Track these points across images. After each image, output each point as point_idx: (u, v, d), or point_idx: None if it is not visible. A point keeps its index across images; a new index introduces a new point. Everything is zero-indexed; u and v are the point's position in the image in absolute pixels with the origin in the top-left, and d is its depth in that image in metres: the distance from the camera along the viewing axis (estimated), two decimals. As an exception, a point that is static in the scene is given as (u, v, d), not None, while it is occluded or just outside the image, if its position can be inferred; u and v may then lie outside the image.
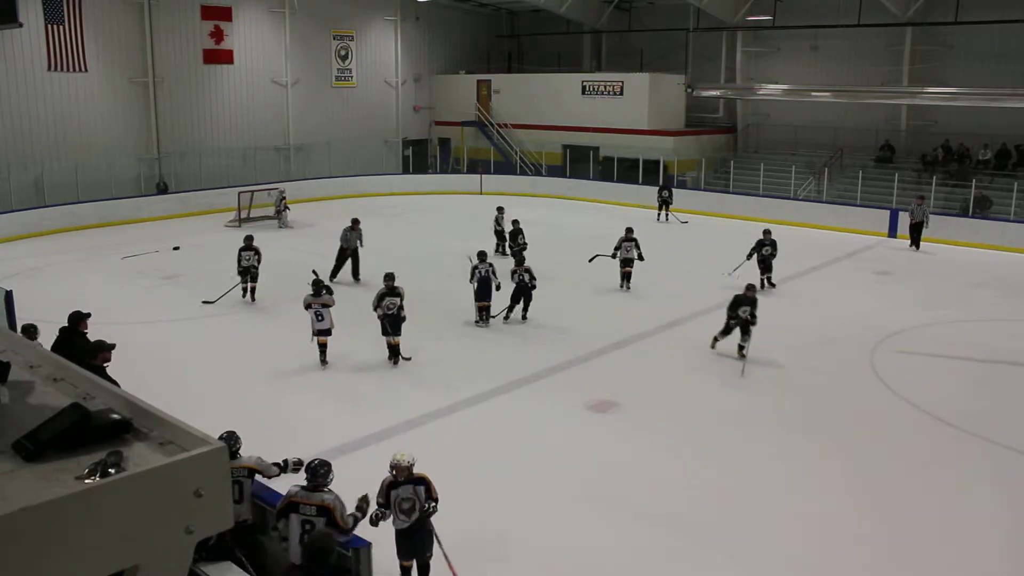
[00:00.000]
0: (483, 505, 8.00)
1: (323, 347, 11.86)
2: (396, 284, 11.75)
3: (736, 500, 8.20)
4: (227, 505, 2.37)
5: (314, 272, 13.01)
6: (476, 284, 13.70)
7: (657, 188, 24.98)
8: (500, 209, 19.92)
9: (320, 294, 11.89)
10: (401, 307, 11.59)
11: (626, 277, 16.28)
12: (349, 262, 16.75)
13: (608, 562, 7.10)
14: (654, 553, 7.28)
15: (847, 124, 27.44)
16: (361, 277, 16.57)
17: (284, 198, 24.06)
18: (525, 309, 14.07)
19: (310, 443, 8.58)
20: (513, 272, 14.05)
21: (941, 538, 7.64)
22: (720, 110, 31.55)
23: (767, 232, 16.70)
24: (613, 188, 28.52)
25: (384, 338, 11.80)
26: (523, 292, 13.91)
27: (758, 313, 12.34)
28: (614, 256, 16.25)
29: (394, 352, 11.81)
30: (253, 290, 15.42)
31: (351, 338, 12.56)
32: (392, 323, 11.65)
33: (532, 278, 13.83)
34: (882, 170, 26.09)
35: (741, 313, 12.27)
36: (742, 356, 12.29)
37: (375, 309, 11.66)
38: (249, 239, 15.39)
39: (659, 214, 24.50)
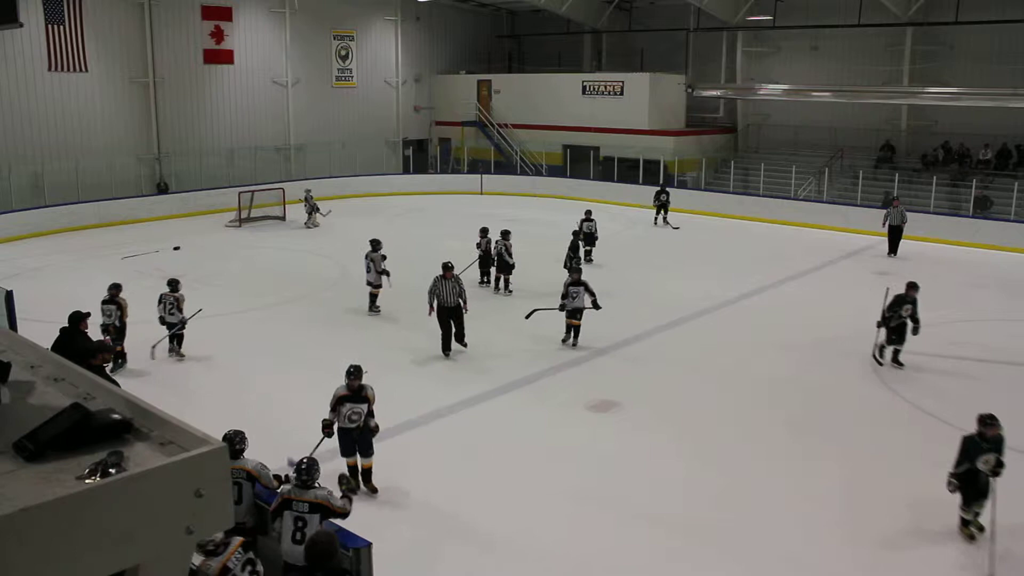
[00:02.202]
0: (483, 505, 8.01)
1: (371, 296, 14.44)
2: (364, 383, 8.01)
3: (736, 500, 8.20)
4: (228, 505, 2.38)
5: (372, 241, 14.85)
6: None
7: (655, 192, 24.40)
8: (588, 212, 18.92)
9: (375, 249, 14.49)
10: (370, 414, 7.99)
11: (573, 332, 12.80)
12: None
13: (608, 562, 7.11)
14: (654, 553, 7.28)
15: (847, 124, 27.44)
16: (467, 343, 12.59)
17: (311, 197, 23.53)
18: (507, 281, 15.94)
19: (311, 443, 8.58)
20: (497, 242, 15.83)
21: (941, 538, 7.63)
22: (720, 110, 31.54)
23: (913, 287, 11.94)
24: (614, 188, 28.51)
25: (344, 459, 8.15)
26: (503, 264, 15.77)
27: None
28: (562, 308, 12.76)
29: (365, 477, 8.23)
30: (120, 357, 11.39)
31: (351, 337, 12.58)
32: (358, 441, 8.07)
33: (510, 254, 15.69)
34: (882, 170, 26.10)
35: (981, 465, 7.12)
36: None
37: (331, 414, 7.99)
38: (113, 290, 11.55)
39: (656, 217, 24.08)
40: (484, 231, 16.37)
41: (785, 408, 10.64)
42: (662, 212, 23.99)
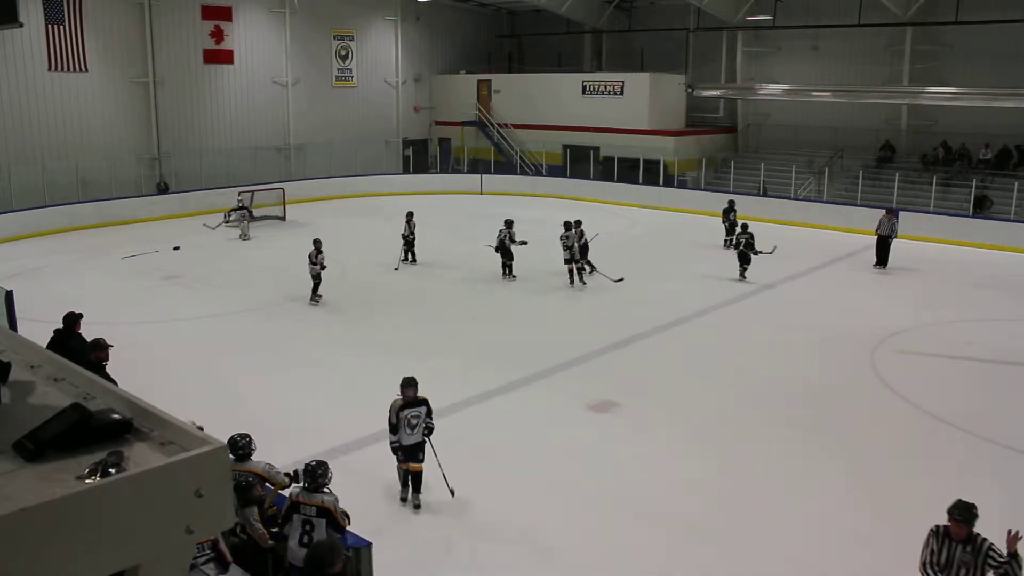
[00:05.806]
0: (483, 505, 8.01)
1: (571, 272, 16.08)
2: None
3: (736, 500, 8.20)
4: (227, 505, 2.37)
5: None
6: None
7: (723, 210, 21.21)
8: (578, 223, 16.97)
9: (569, 229, 16.17)
10: None
11: (411, 481, 8.14)
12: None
13: (608, 562, 7.10)
14: (654, 553, 7.28)
15: (847, 124, 27.44)
16: None
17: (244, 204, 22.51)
18: (510, 267, 16.86)
19: (311, 443, 8.60)
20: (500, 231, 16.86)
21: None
22: (720, 110, 31.54)
23: None
24: (614, 188, 28.52)
25: None
26: (505, 250, 16.74)
27: None
28: (395, 448, 8.19)
29: None
30: (319, 294, 14.71)
31: (352, 337, 12.55)
32: None
33: (513, 241, 16.72)
34: (882, 170, 26.10)
35: None
36: None
37: None
38: (317, 243, 14.82)
39: (727, 239, 20.25)
40: (572, 223, 16.77)
41: (785, 408, 10.63)
42: (733, 233, 19.48)
